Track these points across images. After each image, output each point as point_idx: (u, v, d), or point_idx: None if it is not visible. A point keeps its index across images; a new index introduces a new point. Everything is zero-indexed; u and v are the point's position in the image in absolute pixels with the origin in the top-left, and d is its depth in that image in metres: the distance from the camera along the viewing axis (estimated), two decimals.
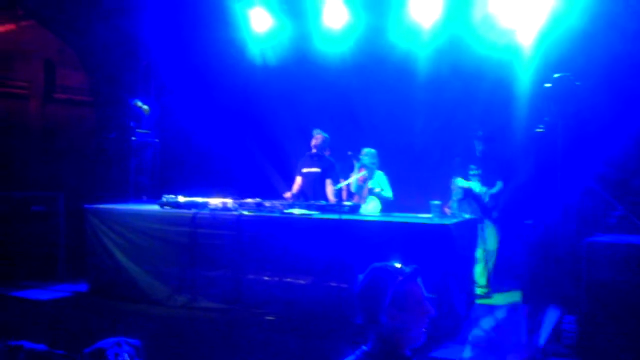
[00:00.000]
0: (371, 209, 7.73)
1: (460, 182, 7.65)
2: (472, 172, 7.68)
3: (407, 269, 2.43)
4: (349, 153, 7.63)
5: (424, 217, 6.22)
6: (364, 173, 7.78)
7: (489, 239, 7.44)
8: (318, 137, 7.78)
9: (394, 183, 7.99)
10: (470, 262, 6.34)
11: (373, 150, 7.86)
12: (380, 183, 7.88)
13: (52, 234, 8.08)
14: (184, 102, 9.27)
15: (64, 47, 9.86)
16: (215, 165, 9.47)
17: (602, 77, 6.83)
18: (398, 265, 2.45)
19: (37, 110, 10.39)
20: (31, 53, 10.23)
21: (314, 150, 7.77)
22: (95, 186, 8.51)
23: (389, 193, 7.81)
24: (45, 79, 10.21)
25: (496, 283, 7.71)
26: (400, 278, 2.39)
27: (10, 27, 9.72)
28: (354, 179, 7.69)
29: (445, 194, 8.00)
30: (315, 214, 6.44)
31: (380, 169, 7.96)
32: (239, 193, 7.33)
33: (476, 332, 5.70)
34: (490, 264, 7.43)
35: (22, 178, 8.78)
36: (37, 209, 7.97)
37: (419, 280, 2.45)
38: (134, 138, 8.10)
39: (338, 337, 5.58)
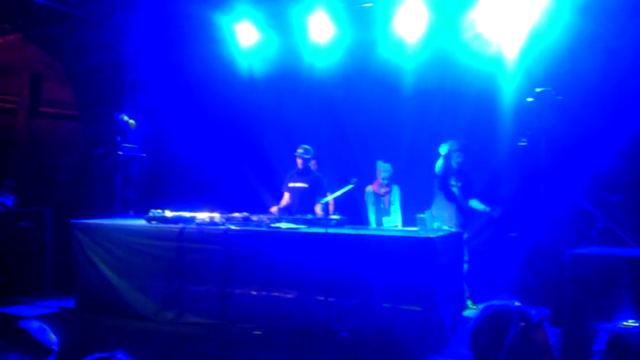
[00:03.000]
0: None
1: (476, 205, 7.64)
2: (452, 184, 7.70)
3: (532, 311, 2.06)
4: (354, 180, 7.68)
5: (410, 230, 6.28)
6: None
7: None
8: (302, 152, 7.78)
9: None
10: (458, 274, 6.39)
11: (387, 165, 7.91)
12: (394, 198, 7.93)
13: (39, 249, 8.04)
14: (172, 116, 9.28)
15: (50, 61, 9.86)
16: (203, 179, 9.47)
17: (584, 91, 6.96)
18: (519, 305, 2.09)
19: (23, 124, 10.38)
20: (18, 67, 10.23)
21: (300, 166, 7.78)
22: (81, 201, 8.50)
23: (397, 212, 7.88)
24: (32, 92, 10.20)
25: (482, 295, 7.76)
26: (522, 324, 2.02)
27: None
28: (340, 192, 7.73)
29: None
30: (302, 228, 6.47)
31: (367, 180, 8.02)
32: (226, 207, 7.34)
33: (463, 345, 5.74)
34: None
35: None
36: (24, 224, 7.93)
37: (545, 327, 2.07)
38: (120, 152, 8.09)
39: (325, 352, 5.61)
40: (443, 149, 7.27)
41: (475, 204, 7.50)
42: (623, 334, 2.11)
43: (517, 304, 2.06)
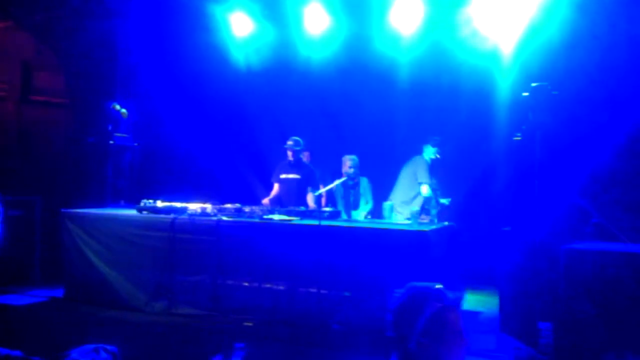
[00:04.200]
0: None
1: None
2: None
3: (449, 295, 2.17)
4: (350, 183, 7.71)
5: (402, 224, 6.25)
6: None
7: None
8: (292, 144, 7.72)
9: (375, 189, 8.05)
10: (450, 268, 6.36)
11: (355, 157, 7.88)
12: (364, 190, 7.93)
13: (29, 238, 7.95)
14: (164, 106, 9.20)
15: (41, 49, 9.74)
16: (195, 169, 9.41)
17: (580, 87, 6.94)
18: (439, 287, 2.19)
19: (13, 112, 10.25)
20: (8, 54, 10.10)
21: (291, 158, 7.72)
22: (72, 190, 8.40)
23: (369, 203, 7.88)
24: (22, 80, 10.08)
25: (474, 288, 7.77)
26: (439, 304, 2.12)
27: None
28: (334, 185, 7.69)
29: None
30: (295, 220, 6.43)
31: (362, 174, 8.00)
32: (218, 198, 7.30)
33: None
34: None
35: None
36: (13, 213, 7.83)
37: (459, 309, 2.18)
38: (111, 141, 8.01)
39: (317, 343, 5.59)
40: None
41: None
42: None
43: (437, 286, 2.16)
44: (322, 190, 7.70)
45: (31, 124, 10.09)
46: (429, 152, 7.76)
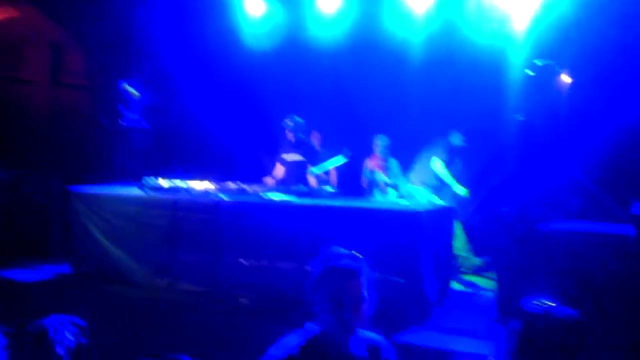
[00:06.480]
0: None
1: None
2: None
3: (353, 262, 2.32)
4: (346, 152, 7.70)
5: (398, 203, 6.20)
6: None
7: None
8: (292, 124, 7.71)
9: None
10: (446, 249, 6.28)
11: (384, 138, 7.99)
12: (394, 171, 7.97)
13: (44, 216, 8.16)
14: (178, 86, 9.31)
15: (63, 32, 9.96)
16: (208, 149, 9.50)
17: (592, 64, 6.76)
18: (349, 254, 2.37)
19: (43, 95, 10.52)
20: (35, 39, 10.35)
21: (292, 138, 7.72)
22: (85, 169, 8.58)
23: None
24: (51, 63, 10.31)
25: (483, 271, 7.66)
26: (337, 269, 2.28)
27: (15, 13, 9.86)
28: (333, 165, 7.69)
29: None
30: (294, 199, 6.44)
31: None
32: (230, 177, 7.35)
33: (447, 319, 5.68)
34: None
35: (22, 161, 8.87)
36: (29, 190, 8.04)
37: (364, 277, 2.30)
38: (122, 122, 8.14)
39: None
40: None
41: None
42: (532, 313, 2.12)
43: (352, 252, 2.37)
44: (319, 170, 7.69)
45: (61, 106, 10.34)
46: (456, 138, 7.73)
